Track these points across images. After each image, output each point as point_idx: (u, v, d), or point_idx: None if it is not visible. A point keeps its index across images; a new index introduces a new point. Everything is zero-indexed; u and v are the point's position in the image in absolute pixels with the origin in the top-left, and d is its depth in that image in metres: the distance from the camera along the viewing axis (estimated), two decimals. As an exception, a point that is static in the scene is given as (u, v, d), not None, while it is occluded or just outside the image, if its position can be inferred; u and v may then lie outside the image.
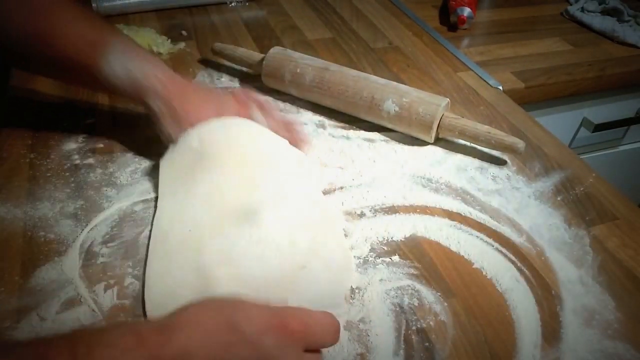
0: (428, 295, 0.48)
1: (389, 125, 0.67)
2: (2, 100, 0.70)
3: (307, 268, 0.49)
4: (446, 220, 0.56)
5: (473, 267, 0.51)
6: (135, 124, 0.66)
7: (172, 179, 0.56)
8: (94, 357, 0.30)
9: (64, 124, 0.65)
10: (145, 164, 0.60)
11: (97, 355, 0.30)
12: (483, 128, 0.64)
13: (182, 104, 0.54)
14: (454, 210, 0.57)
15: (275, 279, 0.48)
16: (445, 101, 0.65)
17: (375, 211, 0.56)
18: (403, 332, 0.45)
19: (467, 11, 0.97)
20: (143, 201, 0.56)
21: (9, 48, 0.54)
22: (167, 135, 0.55)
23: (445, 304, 0.47)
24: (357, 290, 0.48)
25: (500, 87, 0.81)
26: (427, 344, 0.44)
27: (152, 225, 0.52)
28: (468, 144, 0.67)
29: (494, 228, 0.55)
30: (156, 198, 0.56)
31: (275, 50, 0.73)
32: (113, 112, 0.68)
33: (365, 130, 0.69)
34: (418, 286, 0.49)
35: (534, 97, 0.86)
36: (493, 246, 0.53)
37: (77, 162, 0.60)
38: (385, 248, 0.52)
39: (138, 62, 0.54)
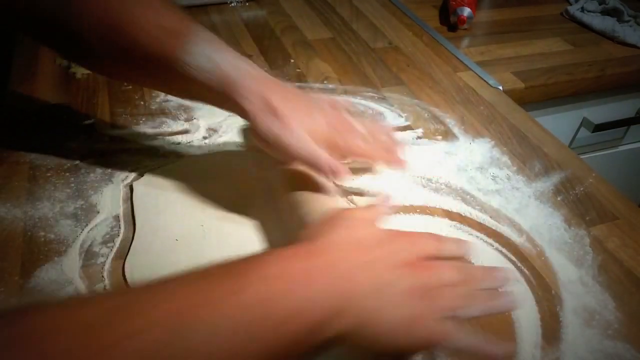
0: (428, 295, 0.48)
1: None
2: (2, 99, 0.70)
3: None
4: (446, 220, 0.56)
5: (473, 267, 0.51)
6: (135, 124, 0.66)
7: (151, 197, 0.55)
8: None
9: (64, 124, 0.65)
10: (145, 163, 0.60)
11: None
12: None
13: (282, 103, 0.46)
14: (454, 210, 0.57)
15: None
16: None
17: (375, 211, 0.56)
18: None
19: (467, 11, 0.97)
20: (143, 201, 0.56)
21: (80, 41, 0.47)
22: (265, 134, 0.46)
23: (445, 304, 0.47)
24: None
25: (500, 87, 0.81)
26: (427, 344, 0.44)
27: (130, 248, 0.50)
28: (469, 143, 0.67)
29: (494, 228, 0.55)
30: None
31: None
32: (113, 112, 0.68)
33: (365, 130, 0.69)
34: (418, 286, 0.49)
35: (534, 97, 0.86)
36: (493, 246, 0.53)
37: (77, 162, 0.60)
38: (385, 248, 0.52)
39: (226, 54, 0.46)
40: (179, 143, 0.64)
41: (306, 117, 0.47)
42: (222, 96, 0.46)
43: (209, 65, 0.45)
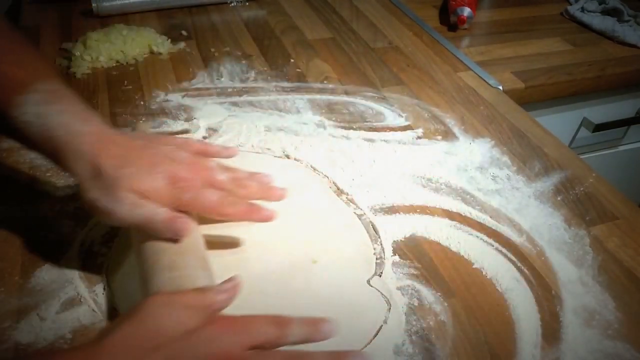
0: (428, 295, 0.48)
1: None
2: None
3: (319, 262, 0.49)
4: (446, 220, 0.56)
5: (473, 267, 0.51)
6: (135, 124, 0.66)
7: None
8: None
9: (64, 124, 0.65)
10: (145, 164, 0.60)
11: None
12: None
13: (115, 165, 0.41)
14: (454, 210, 0.57)
15: (286, 272, 0.48)
16: None
17: (375, 211, 0.56)
18: (403, 332, 0.45)
19: (467, 11, 0.97)
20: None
21: None
22: (93, 204, 0.41)
23: (445, 304, 0.47)
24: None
25: (500, 87, 0.81)
26: (427, 344, 0.44)
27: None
28: (469, 143, 0.67)
29: (494, 228, 0.55)
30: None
31: None
32: (113, 112, 0.68)
33: (365, 130, 0.69)
34: (418, 286, 0.49)
35: (534, 97, 0.86)
36: (493, 246, 0.53)
37: (77, 162, 0.60)
38: (385, 248, 0.52)
39: (61, 113, 0.42)
40: (179, 143, 0.64)
41: (144, 176, 0.41)
42: (53, 157, 0.42)
43: (38, 122, 0.41)
